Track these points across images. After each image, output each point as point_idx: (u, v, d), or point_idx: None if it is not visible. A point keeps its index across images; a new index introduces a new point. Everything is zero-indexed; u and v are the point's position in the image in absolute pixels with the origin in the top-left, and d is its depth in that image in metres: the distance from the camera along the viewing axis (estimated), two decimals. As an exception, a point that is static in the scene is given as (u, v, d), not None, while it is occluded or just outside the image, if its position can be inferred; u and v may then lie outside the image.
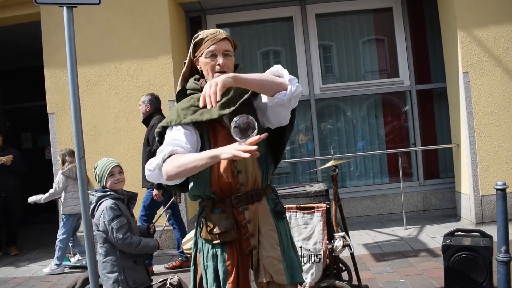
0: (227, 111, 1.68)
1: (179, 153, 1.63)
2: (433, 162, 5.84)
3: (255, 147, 1.39)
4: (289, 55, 5.97)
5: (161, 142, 1.79)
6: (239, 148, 1.41)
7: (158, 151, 1.69)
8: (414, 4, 5.80)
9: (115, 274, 2.56)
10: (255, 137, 1.43)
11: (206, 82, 1.75)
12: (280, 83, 1.66)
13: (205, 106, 1.49)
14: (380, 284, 3.49)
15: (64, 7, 2.45)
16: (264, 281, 1.68)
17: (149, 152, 4.19)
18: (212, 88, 1.46)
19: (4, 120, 8.24)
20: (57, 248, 4.54)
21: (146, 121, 4.34)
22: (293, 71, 5.90)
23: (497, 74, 4.89)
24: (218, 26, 5.90)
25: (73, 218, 4.61)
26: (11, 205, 5.50)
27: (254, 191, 1.75)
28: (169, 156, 1.63)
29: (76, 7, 2.49)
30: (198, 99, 1.61)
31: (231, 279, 1.68)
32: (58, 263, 4.56)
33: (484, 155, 4.90)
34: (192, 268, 1.84)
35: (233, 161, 1.69)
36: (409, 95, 5.76)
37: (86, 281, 2.86)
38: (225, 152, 1.46)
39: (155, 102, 4.35)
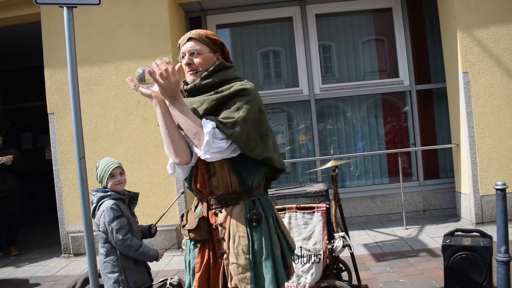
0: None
1: None
2: (433, 162, 5.84)
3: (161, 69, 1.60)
4: (289, 55, 5.97)
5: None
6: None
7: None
8: (414, 4, 5.79)
9: (116, 274, 2.56)
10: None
11: (184, 82, 1.83)
12: (195, 133, 1.60)
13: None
14: (380, 284, 3.49)
15: (64, 7, 2.44)
16: (230, 287, 1.70)
17: None
18: (164, 67, 1.60)
19: (4, 120, 8.24)
20: None
21: None
22: (293, 71, 5.91)
23: (497, 74, 4.89)
24: (218, 26, 5.90)
25: None
26: (11, 205, 5.50)
27: (228, 195, 1.73)
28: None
29: (76, 7, 2.48)
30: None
31: (197, 276, 1.73)
32: None
33: (484, 155, 4.90)
34: None
35: (206, 164, 1.70)
36: (409, 95, 5.77)
37: (86, 281, 2.86)
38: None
39: None
